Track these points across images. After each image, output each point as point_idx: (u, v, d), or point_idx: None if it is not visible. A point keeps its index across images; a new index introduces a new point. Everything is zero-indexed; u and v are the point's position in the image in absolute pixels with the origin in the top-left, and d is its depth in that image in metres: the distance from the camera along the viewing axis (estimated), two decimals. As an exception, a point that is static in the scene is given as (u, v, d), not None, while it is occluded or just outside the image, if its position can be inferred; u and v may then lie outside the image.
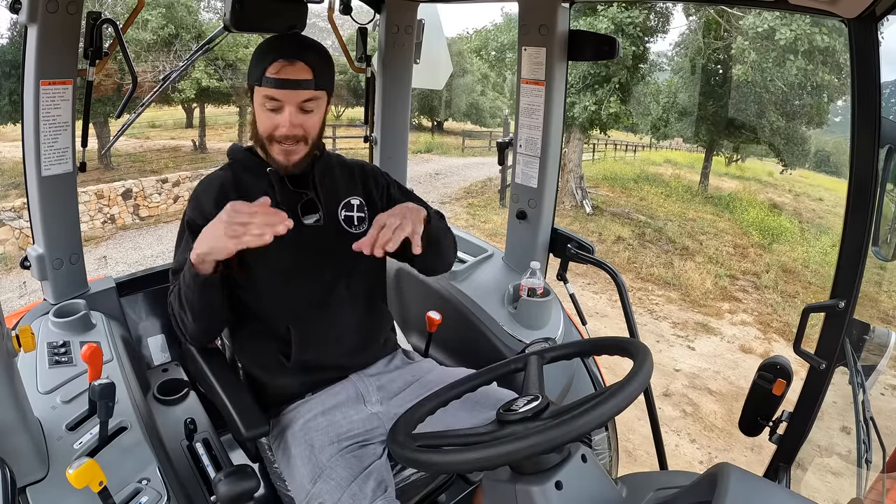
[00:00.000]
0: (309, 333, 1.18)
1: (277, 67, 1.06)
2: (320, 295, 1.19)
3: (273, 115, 1.10)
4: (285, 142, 1.11)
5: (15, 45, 9.31)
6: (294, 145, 1.12)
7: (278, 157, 1.14)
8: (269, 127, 1.11)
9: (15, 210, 7.95)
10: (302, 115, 1.10)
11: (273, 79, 1.06)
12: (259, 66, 1.08)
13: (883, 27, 1.03)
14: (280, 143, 1.12)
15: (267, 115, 1.10)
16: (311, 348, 1.18)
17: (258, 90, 1.09)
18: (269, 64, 1.07)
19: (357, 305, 1.24)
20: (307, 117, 1.11)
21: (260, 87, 1.08)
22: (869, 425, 1.10)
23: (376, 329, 1.29)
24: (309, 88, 1.09)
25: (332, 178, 1.26)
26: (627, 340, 0.92)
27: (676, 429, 4.56)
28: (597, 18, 10.13)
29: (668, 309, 7.48)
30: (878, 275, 7.70)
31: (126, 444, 1.06)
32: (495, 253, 1.96)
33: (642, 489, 0.88)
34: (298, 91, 1.08)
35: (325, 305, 1.20)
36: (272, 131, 1.11)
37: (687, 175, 17.16)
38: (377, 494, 1.00)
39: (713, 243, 10.81)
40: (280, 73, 1.06)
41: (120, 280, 1.61)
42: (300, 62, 1.07)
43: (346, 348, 1.23)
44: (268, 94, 1.08)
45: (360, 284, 1.25)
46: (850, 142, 1.10)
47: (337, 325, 1.21)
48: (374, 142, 2.04)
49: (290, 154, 1.13)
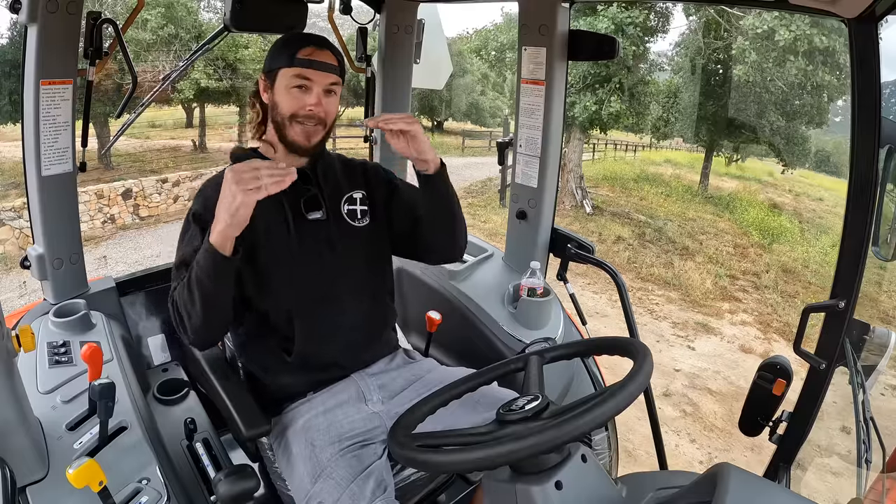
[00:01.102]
0: (312, 327, 1.18)
1: (309, 51, 1.14)
2: (324, 288, 1.20)
3: (301, 95, 1.15)
4: (308, 122, 1.16)
5: (15, 45, 9.31)
6: (315, 126, 1.17)
7: (298, 137, 1.17)
8: (296, 105, 1.15)
9: (15, 210, 7.95)
10: (326, 98, 1.17)
11: (306, 60, 1.13)
12: (286, 51, 1.15)
13: (883, 27, 1.03)
14: (302, 123, 1.16)
15: (294, 94, 1.15)
16: (313, 342, 1.18)
17: (286, 71, 1.14)
18: (300, 48, 1.14)
19: (361, 299, 1.24)
20: (330, 100, 1.18)
21: (290, 67, 1.14)
22: (869, 425, 1.10)
23: (379, 324, 1.29)
24: (335, 73, 1.17)
25: (334, 174, 1.28)
26: (627, 340, 0.92)
27: (676, 429, 4.56)
28: (597, 18, 10.13)
29: (668, 309, 7.48)
30: (878, 275, 7.70)
31: (126, 443, 1.06)
32: (495, 253, 1.96)
33: (642, 489, 0.88)
34: (327, 74, 1.15)
35: (328, 299, 1.20)
36: (297, 110, 1.15)
37: (687, 175, 17.16)
38: (377, 494, 1.01)
39: (713, 243, 10.82)
40: (313, 55, 1.14)
41: (120, 280, 1.62)
42: (327, 50, 1.17)
43: (348, 343, 1.23)
44: (299, 73, 1.14)
45: (364, 278, 1.25)
46: (850, 142, 1.10)
47: (340, 318, 1.21)
48: (374, 142, 2.04)
49: (310, 135, 1.17)
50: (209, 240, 1.01)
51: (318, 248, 1.20)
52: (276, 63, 1.16)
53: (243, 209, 0.96)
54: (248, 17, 1.49)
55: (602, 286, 7.25)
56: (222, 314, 1.11)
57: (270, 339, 1.20)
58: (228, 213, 0.97)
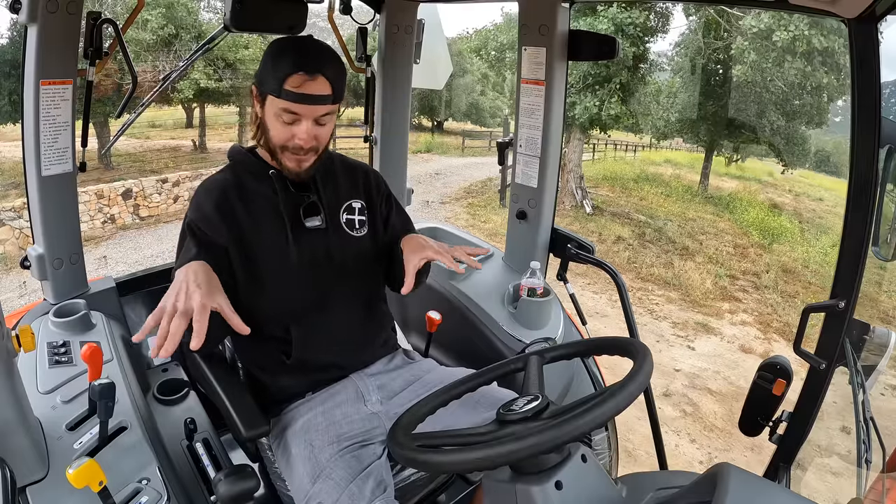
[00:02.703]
0: (308, 334, 1.18)
1: (298, 81, 1.04)
2: (321, 297, 1.20)
3: (289, 127, 1.09)
4: (299, 152, 1.11)
5: (15, 45, 9.31)
6: (306, 154, 1.12)
7: (289, 164, 1.13)
8: (285, 138, 1.10)
9: (15, 210, 7.95)
10: (317, 128, 1.11)
11: (293, 93, 1.04)
12: (276, 76, 1.05)
13: (883, 27, 1.03)
14: (294, 153, 1.12)
15: (282, 126, 1.09)
16: (310, 348, 1.19)
17: (274, 100, 1.07)
18: (288, 75, 1.04)
19: (356, 306, 1.25)
20: (322, 129, 1.12)
21: (278, 98, 1.06)
22: (869, 425, 1.10)
23: (375, 329, 1.30)
24: (327, 104, 1.08)
25: (334, 180, 1.26)
26: (627, 340, 0.92)
27: (676, 429, 4.56)
28: (597, 19, 10.13)
29: (668, 309, 7.48)
30: (878, 275, 7.70)
31: (126, 444, 1.06)
32: (495, 253, 1.96)
33: (642, 489, 0.88)
34: (317, 107, 1.07)
35: (325, 307, 1.20)
36: (286, 141, 1.10)
37: (687, 175, 17.16)
38: (376, 494, 1.00)
39: (713, 243, 10.82)
40: (301, 88, 1.04)
41: (120, 280, 1.61)
42: (321, 76, 1.05)
43: (346, 348, 1.23)
44: (286, 107, 1.06)
45: (359, 286, 1.25)
46: (850, 142, 1.10)
47: (336, 325, 1.21)
48: (374, 142, 2.04)
49: (301, 162, 1.13)
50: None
51: (316, 258, 1.19)
52: (264, 86, 1.08)
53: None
54: (248, 17, 1.49)
55: (602, 286, 7.25)
56: (214, 335, 1.10)
57: (269, 343, 1.20)
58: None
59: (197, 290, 0.91)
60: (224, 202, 1.15)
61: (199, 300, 0.89)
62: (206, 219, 1.12)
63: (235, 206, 1.15)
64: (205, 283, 0.94)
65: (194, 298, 0.89)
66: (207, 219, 1.12)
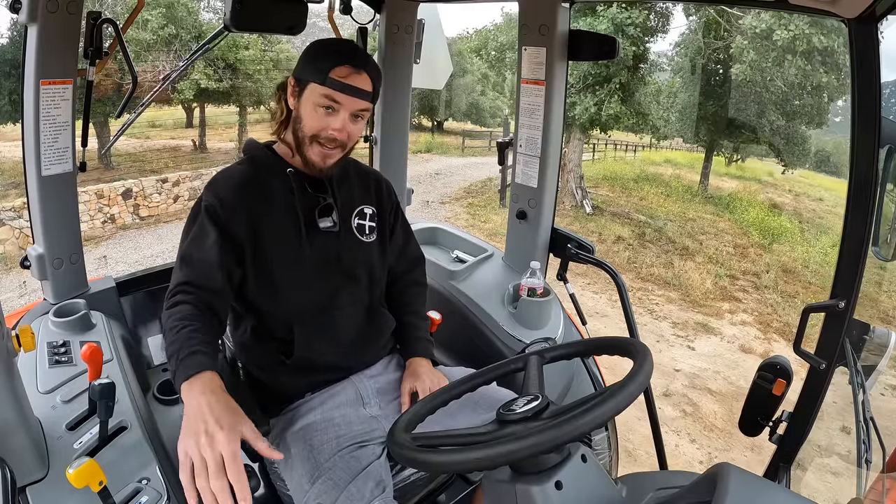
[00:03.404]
0: (312, 335, 1.18)
1: (345, 72, 1.07)
2: (326, 298, 1.19)
3: (326, 117, 1.09)
4: (328, 144, 1.11)
5: (15, 45, 9.31)
6: (333, 149, 1.12)
7: (314, 157, 1.13)
8: (319, 126, 1.10)
9: (15, 210, 7.95)
10: (352, 123, 1.11)
11: (339, 82, 1.06)
12: (321, 65, 1.07)
13: (883, 27, 1.03)
14: (322, 144, 1.11)
15: (319, 114, 1.09)
16: (311, 348, 1.18)
17: (316, 88, 1.08)
18: (336, 66, 1.06)
19: (359, 310, 1.25)
20: (355, 125, 1.12)
21: (321, 86, 1.07)
22: (869, 425, 1.10)
23: (377, 332, 1.29)
24: (367, 100, 1.10)
25: (348, 184, 1.26)
26: (627, 340, 0.92)
27: (676, 429, 4.56)
28: (596, 19, 10.13)
29: (668, 309, 7.48)
30: (878, 275, 7.71)
31: (126, 443, 1.06)
32: (495, 253, 1.96)
33: (642, 489, 0.88)
34: (358, 100, 1.08)
35: (330, 308, 1.20)
36: (320, 131, 1.10)
37: (687, 175, 17.16)
38: (375, 494, 1.00)
39: (713, 243, 10.82)
40: (347, 78, 1.07)
41: (120, 280, 1.61)
42: (365, 73, 1.09)
43: (348, 350, 1.23)
44: (329, 94, 1.07)
45: (364, 290, 1.25)
46: (850, 142, 1.09)
47: (340, 327, 1.21)
48: (374, 142, 2.04)
49: (327, 157, 1.13)
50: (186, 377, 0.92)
51: (326, 259, 1.19)
52: (307, 74, 1.09)
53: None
54: (248, 17, 1.49)
55: (602, 286, 7.26)
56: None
57: (270, 342, 1.20)
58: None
59: (218, 430, 0.84)
60: (241, 192, 1.13)
61: (228, 447, 0.82)
62: (223, 202, 1.11)
63: (253, 199, 1.14)
64: (224, 414, 0.87)
65: (219, 444, 0.82)
66: (226, 204, 1.11)
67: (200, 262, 1.06)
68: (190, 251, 1.08)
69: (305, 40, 1.58)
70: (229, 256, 1.09)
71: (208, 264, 1.06)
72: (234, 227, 1.10)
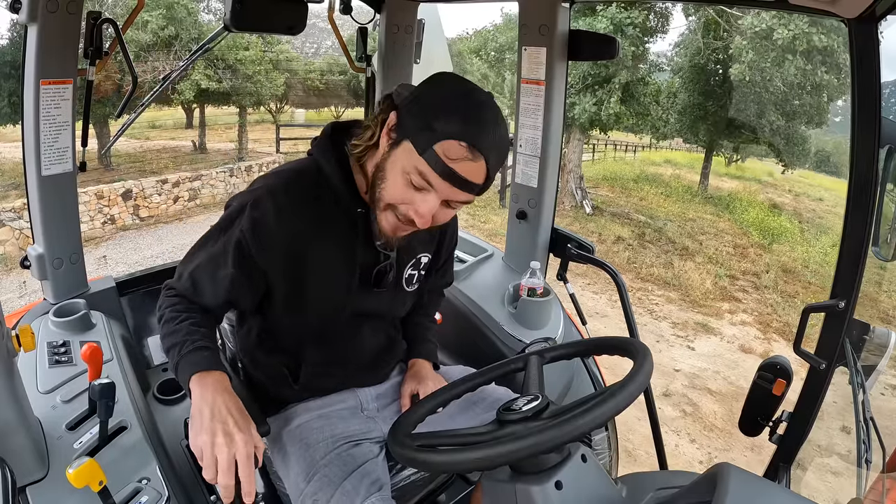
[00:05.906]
0: (323, 359, 1.15)
1: (457, 154, 0.84)
2: (348, 330, 1.15)
3: (413, 192, 0.89)
4: (405, 222, 0.93)
5: (15, 45, 9.31)
6: (408, 226, 0.94)
7: (384, 225, 0.95)
8: (400, 200, 0.91)
9: (15, 210, 7.95)
10: (443, 210, 0.92)
11: (444, 165, 0.85)
12: (433, 128, 0.85)
13: (883, 27, 1.03)
14: (398, 218, 0.93)
15: (405, 187, 0.89)
16: (320, 373, 1.16)
17: (413, 156, 0.86)
18: (449, 138, 0.84)
19: (380, 339, 1.22)
20: (447, 212, 0.93)
21: (420, 157, 0.86)
22: (869, 425, 1.10)
23: (391, 358, 1.27)
24: (472, 193, 0.90)
25: (415, 234, 1.04)
26: (627, 340, 0.92)
27: (676, 429, 4.56)
28: (596, 19, 10.13)
29: (668, 309, 7.48)
30: (878, 275, 7.71)
31: (126, 443, 1.06)
32: (495, 253, 1.96)
33: (642, 489, 0.88)
34: (461, 192, 0.89)
35: (347, 337, 1.16)
36: (399, 204, 0.91)
37: (687, 175, 17.16)
38: (371, 491, 1.00)
39: (713, 243, 10.82)
40: (455, 164, 0.85)
41: (120, 280, 1.62)
42: (483, 161, 0.87)
43: (356, 372, 1.21)
44: (425, 172, 0.86)
45: (388, 324, 1.23)
46: (850, 142, 1.10)
47: (355, 354, 1.18)
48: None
49: (398, 230, 0.96)
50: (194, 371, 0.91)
51: (366, 312, 1.13)
52: (409, 125, 0.87)
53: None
54: (248, 17, 1.49)
55: (602, 286, 7.25)
56: None
57: (277, 354, 1.15)
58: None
59: (238, 432, 0.85)
60: (292, 217, 0.98)
61: (244, 449, 0.84)
62: (261, 237, 0.96)
63: (305, 225, 0.99)
64: (241, 417, 0.88)
65: (237, 445, 0.84)
66: (262, 237, 0.96)
67: (205, 290, 1.01)
68: (199, 273, 1.00)
69: (305, 40, 1.57)
70: (242, 291, 1.01)
71: (212, 295, 1.01)
72: (263, 262, 0.98)
